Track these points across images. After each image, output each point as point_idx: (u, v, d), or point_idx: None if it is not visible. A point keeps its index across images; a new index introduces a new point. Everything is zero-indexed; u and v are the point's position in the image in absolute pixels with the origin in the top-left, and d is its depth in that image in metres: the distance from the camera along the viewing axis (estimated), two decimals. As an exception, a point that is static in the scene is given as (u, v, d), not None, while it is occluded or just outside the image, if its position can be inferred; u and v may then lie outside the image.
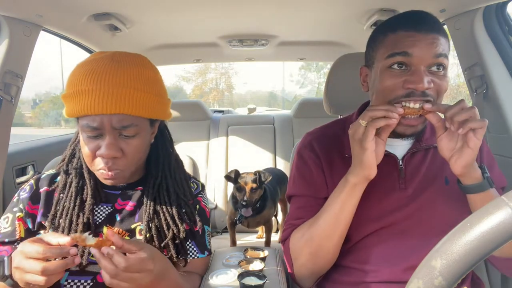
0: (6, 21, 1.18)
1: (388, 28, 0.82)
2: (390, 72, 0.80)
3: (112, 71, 0.74)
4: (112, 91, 0.73)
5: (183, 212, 0.88)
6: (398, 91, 0.78)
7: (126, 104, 0.74)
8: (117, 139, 0.76)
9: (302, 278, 0.90)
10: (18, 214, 0.83)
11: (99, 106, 0.72)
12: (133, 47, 1.93)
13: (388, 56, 0.79)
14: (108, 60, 0.76)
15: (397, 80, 0.78)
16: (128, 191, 0.89)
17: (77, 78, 0.75)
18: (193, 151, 2.28)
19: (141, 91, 0.76)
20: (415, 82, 0.76)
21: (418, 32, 0.77)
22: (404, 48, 0.77)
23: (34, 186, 0.86)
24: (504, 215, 0.33)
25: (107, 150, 0.74)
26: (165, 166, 0.90)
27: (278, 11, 1.48)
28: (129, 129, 0.76)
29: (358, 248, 0.87)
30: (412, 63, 0.77)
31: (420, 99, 0.76)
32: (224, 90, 22.89)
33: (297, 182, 0.95)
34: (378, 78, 0.82)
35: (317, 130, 1.01)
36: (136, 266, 0.66)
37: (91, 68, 0.75)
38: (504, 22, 1.21)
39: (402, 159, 0.88)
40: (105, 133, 0.75)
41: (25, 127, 14.29)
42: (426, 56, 0.76)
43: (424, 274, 0.36)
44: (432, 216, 0.85)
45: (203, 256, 0.93)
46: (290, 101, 18.65)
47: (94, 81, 0.73)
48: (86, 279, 0.82)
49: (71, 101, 0.75)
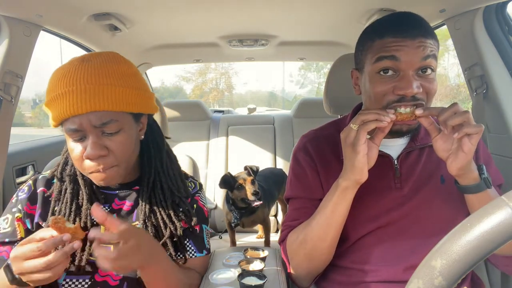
0: (6, 21, 1.18)
1: (375, 33, 0.82)
2: (379, 77, 0.80)
3: (82, 71, 0.74)
4: (84, 90, 0.72)
5: (179, 210, 0.89)
6: (389, 97, 0.79)
7: (100, 100, 0.73)
8: (100, 138, 0.75)
9: (298, 278, 0.92)
10: (17, 215, 0.83)
11: (74, 107, 0.71)
12: (133, 47, 1.93)
13: (376, 60, 0.80)
14: (78, 61, 0.76)
15: (387, 86, 0.79)
16: (125, 191, 0.89)
17: (52, 84, 0.75)
18: (193, 151, 2.28)
19: (115, 86, 0.75)
20: (404, 88, 0.76)
21: (405, 38, 0.77)
22: (392, 52, 0.78)
23: (32, 186, 0.86)
24: (504, 215, 0.33)
25: (91, 150, 0.74)
26: (157, 163, 0.90)
27: (278, 11, 1.48)
28: (110, 125, 0.75)
29: (356, 249, 0.87)
30: (400, 68, 0.78)
31: (410, 103, 0.77)
32: (224, 90, 22.91)
33: (293, 185, 0.96)
34: (368, 83, 0.83)
35: (312, 133, 1.01)
36: (125, 234, 0.66)
37: (62, 72, 0.75)
38: (504, 22, 1.22)
39: (397, 158, 0.88)
40: (87, 134, 0.75)
41: (25, 127, 14.28)
42: (414, 60, 0.77)
43: (424, 274, 0.36)
44: (429, 214, 0.85)
45: (201, 255, 0.93)
46: (290, 101, 18.66)
47: (66, 84, 0.73)
48: (84, 278, 0.82)
49: (51, 109, 0.75)
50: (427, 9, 1.26)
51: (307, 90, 22.11)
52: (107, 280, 0.83)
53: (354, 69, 0.92)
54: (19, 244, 0.67)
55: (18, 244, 0.67)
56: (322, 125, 1.03)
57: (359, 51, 0.87)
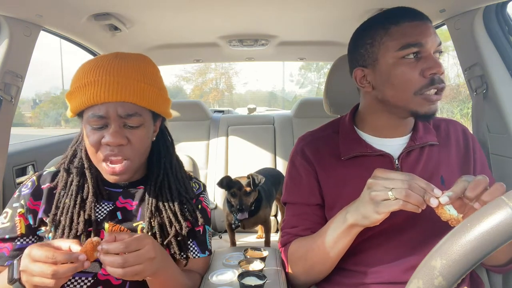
0: (6, 21, 1.18)
1: (387, 21, 0.83)
2: (405, 62, 0.81)
3: (116, 65, 0.78)
4: (117, 81, 0.76)
5: (185, 209, 0.89)
6: (422, 81, 0.80)
7: (131, 93, 0.77)
8: (122, 128, 0.78)
9: (296, 284, 0.93)
10: (19, 210, 0.83)
11: (105, 94, 0.75)
12: (133, 47, 1.93)
13: (402, 48, 0.80)
14: (112, 56, 0.81)
15: (415, 71, 0.80)
16: (130, 189, 0.89)
17: (82, 73, 0.78)
18: (193, 151, 2.28)
19: (144, 83, 0.79)
20: (435, 67, 0.78)
21: (421, 21, 0.81)
22: (418, 39, 0.79)
23: (36, 182, 0.86)
24: (504, 215, 0.33)
25: (112, 137, 0.76)
26: (166, 165, 0.92)
27: (278, 11, 1.48)
28: (134, 119, 0.78)
29: (357, 250, 0.87)
30: (422, 50, 0.80)
31: (442, 86, 0.80)
32: (224, 90, 22.88)
33: (290, 189, 0.96)
34: (392, 72, 0.82)
35: (309, 135, 1.00)
36: (134, 242, 0.67)
37: (95, 64, 0.79)
38: (504, 22, 1.21)
39: (398, 158, 0.88)
40: (110, 123, 0.77)
41: (25, 127, 14.28)
42: (434, 43, 0.81)
43: (424, 274, 0.36)
44: (429, 216, 0.85)
45: (204, 256, 0.93)
46: (290, 101, 18.65)
47: (99, 73, 0.76)
48: (87, 276, 0.82)
49: (77, 95, 0.77)
50: (427, 9, 1.25)
51: (307, 90, 22.10)
52: (109, 279, 0.83)
53: (357, 68, 0.89)
54: (37, 244, 0.67)
55: (35, 244, 0.67)
56: (319, 127, 1.03)
57: (367, 45, 0.85)
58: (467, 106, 9.71)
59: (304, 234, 0.91)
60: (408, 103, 0.83)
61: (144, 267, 0.68)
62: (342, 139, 0.94)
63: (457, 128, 0.95)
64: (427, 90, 0.79)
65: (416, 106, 0.82)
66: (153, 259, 0.70)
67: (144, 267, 0.68)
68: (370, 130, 0.92)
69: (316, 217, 0.92)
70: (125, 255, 0.66)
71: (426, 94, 0.80)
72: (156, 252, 0.70)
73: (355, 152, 0.90)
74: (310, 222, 0.91)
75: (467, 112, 9.48)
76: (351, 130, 0.94)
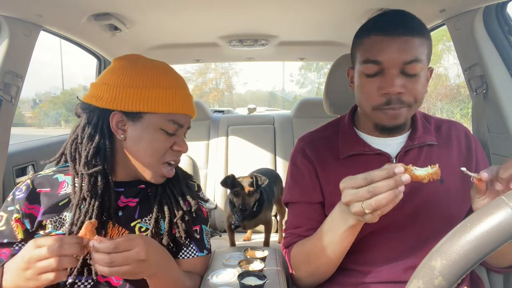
0: (6, 21, 1.18)
1: (364, 32, 0.83)
2: (366, 77, 0.81)
3: (173, 72, 0.87)
4: (188, 94, 0.88)
5: (186, 210, 0.90)
6: (378, 99, 0.80)
7: (193, 108, 0.90)
8: None
9: (301, 286, 0.93)
10: (15, 216, 0.82)
11: (188, 107, 0.86)
12: (133, 47, 1.93)
13: (363, 62, 0.81)
14: (160, 62, 0.88)
15: (373, 86, 0.80)
16: (131, 188, 0.90)
17: (149, 74, 0.82)
18: (193, 151, 2.28)
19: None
20: (388, 86, 0.77)
21: (387, 36, 0.77)
22: (376, 56, 0.78)
23: (31, 185, 0.84)
24: (504, 215, 0.33)
25: (184, 145, 0.88)
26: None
27: (278, 11, 1.48)
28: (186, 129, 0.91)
29: (357, 250, 0.87)
30: (384, 67, 0.78)
31: (398, 106, 0.78)
32: (224, 90, 22.88)
33: (292, 189, 0.96)
34: (358, 81, 0.84)
35: (309, 135, 1.01)
36: (124, 243, 0.67)
37: (161, 68, 0.85)
38: (504, 22, 1.21)
39: (396, 157, 0.88)
40: (179, 132, 0.87)
41: (25, 127, 14.27)
42: (396, 61, 0.77)
43: (424, 274, 0.36)
44: (429, 215, 0.85)
45: (202, 255, 0.93)
46: (290, 101, 18.64)
47: (173, 80, 0.84)
48: (87, 278, 0.82)
49: (158, 96, 0.81)
50: (427, 9, 1.26)
51: (307, 90, 22.08)
52: (109, 280, 0.83)
53: (350, 68, 0.92)
54: (39, 237, 0.68)
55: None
56: (319, 127, 1.04)
57: (353, 49, 0.88)
58: (467, 106, 9.70)
59: (307, 234, 0.91)
60: (370, 116, 0.86)
61: (132, 268, 0.68)
62: (341, 138, 0.94)
63: (459, 130, 0.95)
64: (383, 108, 0.79)
65: (377, 120, 0.84)
66: (143, 261, 0.69)
67: (131, 268, 0.67)
68: (368, 129, 0.92)
69: (319, 216, 0.91)
70: (113, 254, 0.66)
71: (384, 110, 0.80)
72: (147, 255, 0.69)
73: (353, 150, 0.90)
74: (314, 222, 0.91)
75: (467, 112, 9.47)
76: (350, 130, 0.94)
